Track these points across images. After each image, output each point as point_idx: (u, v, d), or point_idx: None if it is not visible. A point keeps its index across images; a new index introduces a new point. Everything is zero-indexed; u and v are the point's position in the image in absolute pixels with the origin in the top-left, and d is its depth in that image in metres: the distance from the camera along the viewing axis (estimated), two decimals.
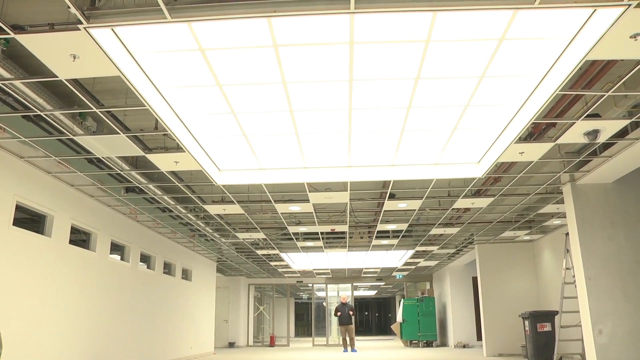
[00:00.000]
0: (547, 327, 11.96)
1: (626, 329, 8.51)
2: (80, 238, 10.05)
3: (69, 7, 3.91)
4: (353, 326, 19.45)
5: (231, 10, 3.98)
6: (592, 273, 8.76)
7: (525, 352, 12.88)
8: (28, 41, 4.45)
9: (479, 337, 18.41)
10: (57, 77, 5.12)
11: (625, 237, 8.91)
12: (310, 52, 4.95)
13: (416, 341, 21.38)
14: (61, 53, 4.64)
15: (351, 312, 19.17)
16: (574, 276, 9.33)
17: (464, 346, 19.28)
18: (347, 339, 19.16)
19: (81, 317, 9.43)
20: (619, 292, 8.67)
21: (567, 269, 10.75)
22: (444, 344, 21.53)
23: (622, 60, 5.15)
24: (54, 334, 8.52)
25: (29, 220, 8.95)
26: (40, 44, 4.49)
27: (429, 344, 21.14)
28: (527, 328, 12.27)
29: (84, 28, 4.18)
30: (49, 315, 8.38)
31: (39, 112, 5.97)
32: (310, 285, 25.79)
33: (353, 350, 18.77)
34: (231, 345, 22.84)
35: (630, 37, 4.52)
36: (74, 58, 4.71)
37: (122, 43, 4.74)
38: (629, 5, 4.00)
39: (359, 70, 5.29)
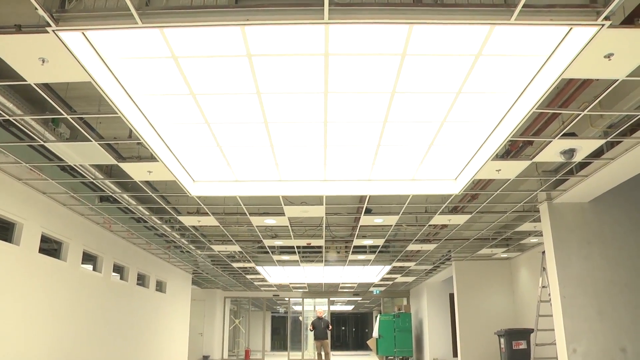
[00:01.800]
0: (523, 345, 11.94)
1: (600, 348, 8.49)
2: (51, 247, 9.84)
3: (36, 9, 3.80)
4: (329, 341, 19.26)
5: (203, 17, 3.90)
6: (568, 292, 8.75)
7: None
8: None
9: (455, 354, 18.35)
10: (25, 81, 4.99)
11: (601, 256, 8.93)
12: (284, 63, 4.88)
13: (392, 357, 21.26)
14: (29, 56, 4.52)
15: (330, 328, 19.01)
16: (549, 294, 9.32)
17: None
18: (323, 354, 18.97)
19: (49, 329, 9.20)
20: (594, 311, 8.67)
21: (543, 287, 10.76)
22: None
23: (597, 79, 5.17)
24: (18, 346, 8.28)
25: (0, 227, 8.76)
26: (6, 46, 4.38)
27: None
28: (502, 345, 12.24)
29: (53, 31, 4.07)
30: (14, 326, 8.15)
31: (8, 117, 5.82)
32: (286, 299, 25.61)
33: None
34: (205, 358, 22.55)
35: (604, 56, 4.54)
36: (43, 62, 4.60)
37: (94, 48, 4.63)
38: (603, 25, 4.00)
39: (334, 82, 5.23)
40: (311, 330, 19.15)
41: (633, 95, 5.62)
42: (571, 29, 4.29)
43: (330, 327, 19.12)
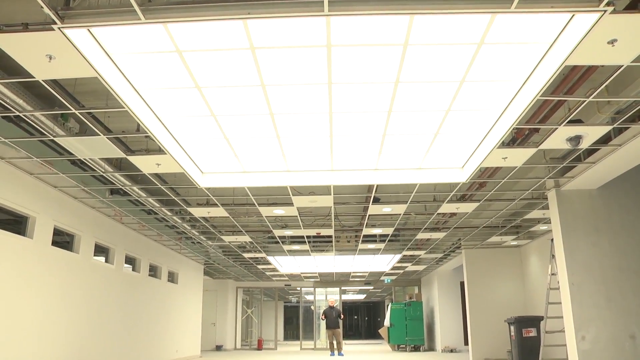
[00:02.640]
0: (533, 333, 11.96)
1: (609, 335, 8.51)
2: (64, 240, 9.97)
3: (42, 7, 3.86)
4: (340, 330, 19.43)
5: (205, 12, 3.94)
6: (576, 279, 8.76)
7: (511, 357, 12.87)
8: (2, 41, 4.40)
9: (467, 342, 18.41)
10: (34, 77, 5.07)
11: (609, 243, 8.92)
12: (287, 55, 4.92)
13: (404, 345, 21.36)
14: (36, 53, 4.59)
15: (342, 317, 19.18)
16: (558, 282, 9.33)
17: (452, 351, 19.29)
18: (334, 342, 19.13)
19: (62, 320, 9.34)
20: (603, 298, 8.68)
21: (553, 274, 10.76)
22: (431, 348, 21.53)
23: (602, 66, 5.16)
24: (33, 338, 8.43)
25: (13, 221, 8.88)
26: (14, 44, 4.44)
27: (416, 349, 21.13)
28: (512, 333, 12.27)
29: (58, 28, 4.13)
30: (28, 318, 8.29)
31: (19, 113, 5.91)
32: (298, 288, 25.75)
33: (340, 354, 18.71)
34: (218, 348, 22.75)
35: (608, 42, 4.53)
36: (50, 58, 4.66)
37: (99, 44, 4.70)
38: (605, 11, 4.00)
39: (337, 73, 5.26)
40: (322, 319, 19.34)
41: None
42: (573, 15, 4.29)
43: (342, 316, 19.27)
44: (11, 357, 7.78)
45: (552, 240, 9.71)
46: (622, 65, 5.03)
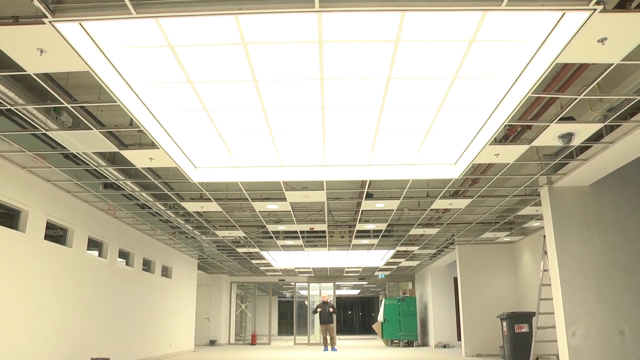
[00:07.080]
0: (525, 328, 12.03)
1: (599, 331, 8.57)
2: (57, 234, 9.96)
3: (32, 0, 3.85)
4: (334, 325, 19.50)
5: (196, 7, 3.94)
6: (567, 275, 8.81)
7: (503, 352, 12.95)
8: None
9: (460, 337, 18.47)
10: (25, 71, 5.05)
11: (601, 240, 8.97)
12: (280, 51, 4.92)
13: (397, 341, 21.43)
14: (27, 47, 4.57)
15: (331, 310, 19.21)
16: (550, 278, 9.37)
17: (445, 346, 19.37)
18: (328, 337, 19.19)
19: (55, 315, 9.34)
20: (593, 294, 8.73)
21: (545, 270, 10.81)
22: (424, 343, 21.60)
23: (593, 64, 5.18)
24: (25, 332, 8.42)
25: (5, 215, 8.86)
26: (4, 37, 4.42)
27: (409, 344, 21.19)
28: (504, 329, 12.33)
29: (49, 22, 4.12)
30: (20, 312, 8.28)
31: (11, 107, 5.89)
32: (292, 283, 25.78)
33: (333, 349, 18.79)
34: (212, 343, 22.77)
35: (598, 41, 4.55)
36: (41, 52, 4.65)
37: (91, 38, 4.69)
38: (595, 9, 4.02)
39: (329, 69, 5.27)
40: (314, 313, 19.46)
41: (632, 78, 5.63)
42: (564, 14, 4.31)
43: (332, 310, 19.27)
44: (3, 352, 7.79)
45: (544, 236, 9.76)
46: (613, 64, 5.05)
